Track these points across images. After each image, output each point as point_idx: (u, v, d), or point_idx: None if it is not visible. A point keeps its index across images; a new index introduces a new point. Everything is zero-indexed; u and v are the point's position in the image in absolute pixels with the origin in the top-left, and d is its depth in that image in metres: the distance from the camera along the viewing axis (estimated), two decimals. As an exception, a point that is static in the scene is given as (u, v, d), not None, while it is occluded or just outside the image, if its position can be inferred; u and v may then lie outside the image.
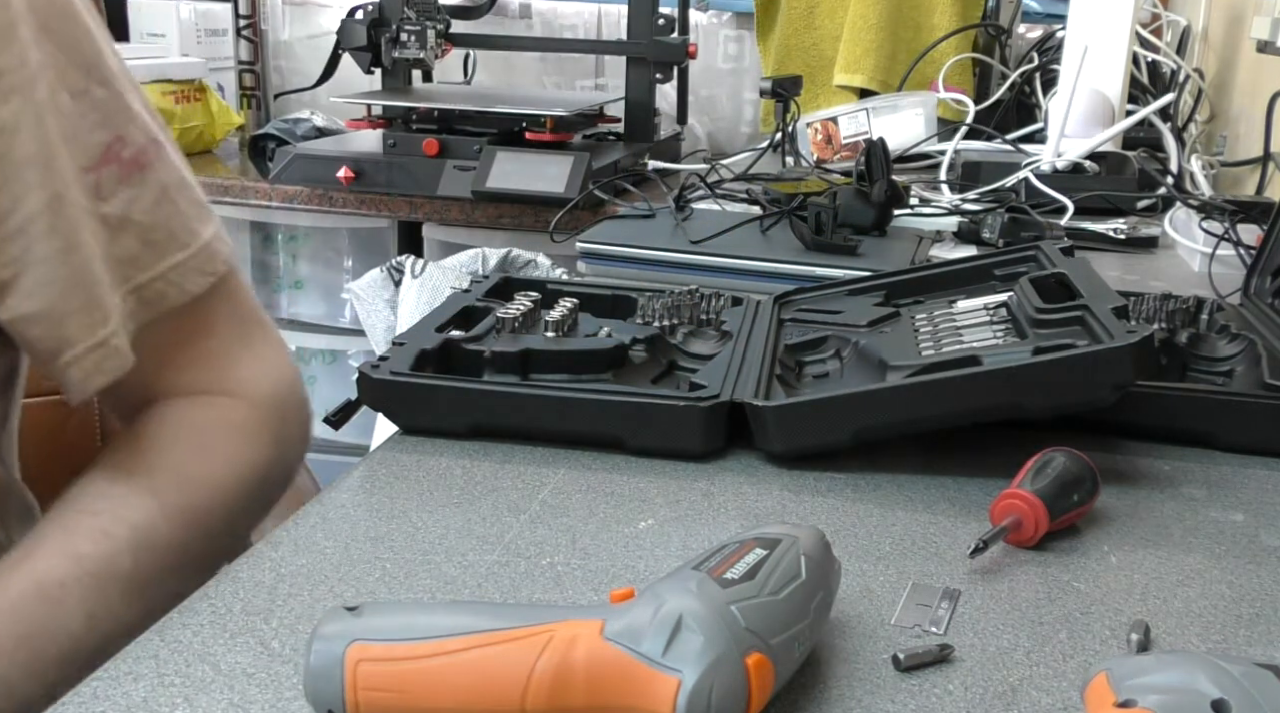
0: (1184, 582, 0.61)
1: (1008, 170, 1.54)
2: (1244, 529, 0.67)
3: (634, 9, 1.92)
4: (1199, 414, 0.78)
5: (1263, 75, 1.71)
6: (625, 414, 0.74)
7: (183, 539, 0.68)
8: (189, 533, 0.68)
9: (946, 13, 2.07)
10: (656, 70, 1.93)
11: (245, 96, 2.45)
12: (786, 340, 0.87)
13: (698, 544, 0.63)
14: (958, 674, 0.52)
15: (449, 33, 2.03)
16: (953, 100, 1.87)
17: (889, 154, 1.32)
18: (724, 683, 0.44)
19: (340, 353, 2.16)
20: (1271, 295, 1.01)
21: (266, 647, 0.52)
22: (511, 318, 0.82)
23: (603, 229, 1.26)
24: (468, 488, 0.69)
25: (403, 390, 0.75)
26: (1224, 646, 0.55)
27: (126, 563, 0.64)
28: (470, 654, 0.44)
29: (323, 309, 2.16)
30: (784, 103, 1.80)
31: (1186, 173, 1.61)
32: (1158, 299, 0.91)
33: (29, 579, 0.61)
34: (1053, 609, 0.58)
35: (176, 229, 0.69)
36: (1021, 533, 0.63)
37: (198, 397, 0.72)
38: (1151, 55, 1.93)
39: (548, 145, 1.79)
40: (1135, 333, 0.70)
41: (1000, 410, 0.71)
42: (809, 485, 0.71)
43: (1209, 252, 1.22)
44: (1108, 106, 1.62)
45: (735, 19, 2.36)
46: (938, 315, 0.86)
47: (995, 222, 1.30)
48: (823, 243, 1.17)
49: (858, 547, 0.64)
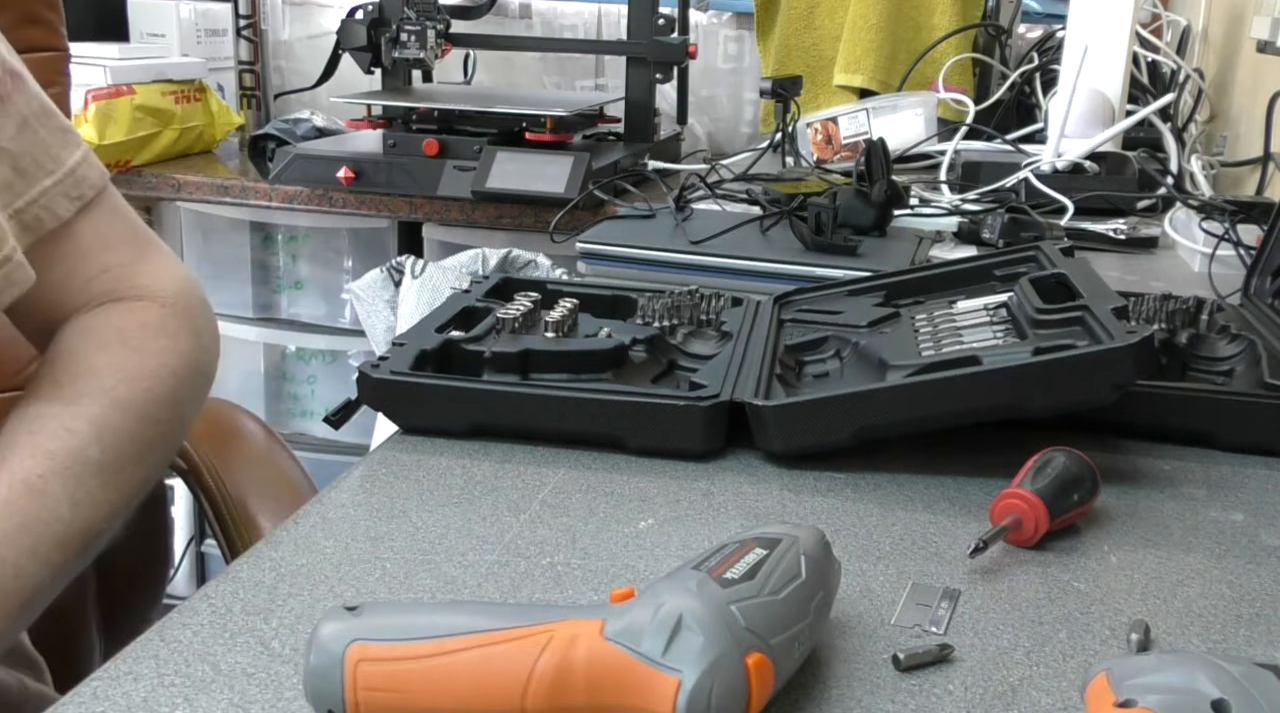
0: (1184, 582, 0.61)
1: (1008, 170, 1.54)
2: (1244, 529, 0.67)
3: (634, 9, 1.92)
4: (1199, 414, 0.78)
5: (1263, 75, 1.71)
6: (625, 414, 0.74)
7: (137, 429, 0.71)
8: (140, 423, 0.72)
9: (946, 13, 2.07)
10: (656, 70, 1.93)
11: (245, 96, 2.45)
12: (786, 340, 0.87)
13: (698, 544, 0.63)
14: (958, 674, 0.52)
15: (449, 33, 2.03)
16: (953, 100, 1.87)
17: (889, 154, 1.32)
18: (724, 683, 0.44)
19: (340, 353, 2.16)
20: (1271, 295, 1.01)
21: (266, 647, 0.52)
22: (511, 318, 0.82)
23: (603, 229, 1.26)
24: (468, 488, 0.69)
25: (403, 390, 0.75)
26: (1224, 646, 0.55)
27: (94, 453, 0.68)
28: (470, 654, 0.44)
29: (323, 309, 2.16)
30: (784, 103, 1.80)
31: (1186, 173, 1.61)
32: (1158, 299, 0.91)
33: (12, 477, 0.65)
34: (1053, 609, 0.58)
35: (40, 156, 0.72)
36: (1021, 533, 0.63)
37: (110, 305, 0.76)
38: (1151, 55, 1.93)
39: (548, 145, 1.79)
40: (1135, 333, 0.70)
41: (1000, 410, 0.71)
42: (809, 485, 0.71)
43: (1209, 252, 1.22)
44: (1108, 106, 1.62)
45: (735, 19, 2.36)
46: (938, 315, 0.86)
47: (995, 222, 1.30)
48: (823, 243, 1.17)
49: (858, 547, 0.64)
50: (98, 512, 0.68)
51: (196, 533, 2.13)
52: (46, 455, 0.67)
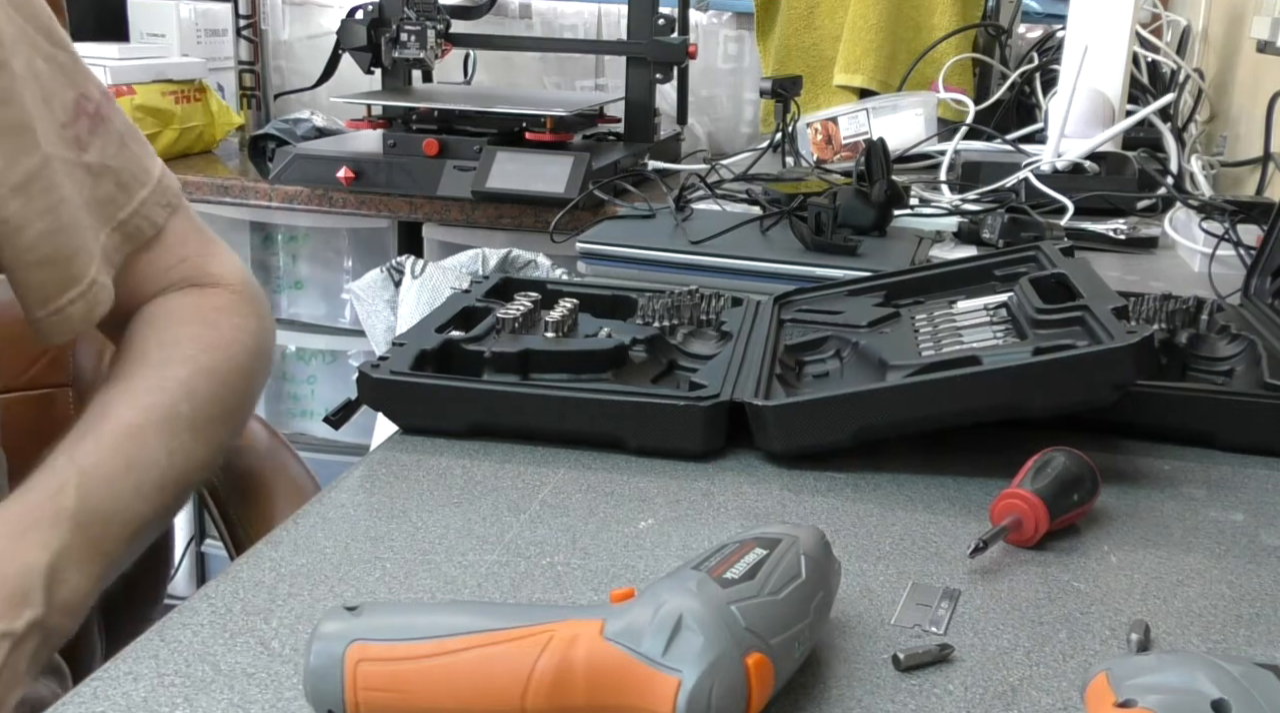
0: (1184, 582, 0.61)
1: (1008, 170, 1.54)
2: (1244, 529, 0.67)
3: (634, 9, 1.92)
4: (1199, 414, 0.78)
5: (1263, 75, 1.71)
6: (625, 414, 0.74)
7: (219, 393, 0.78)
8: (221, 388, 0.79)
9: (946, 13, 2.07)
10: (656, 70, 1.93)
11: (245, 96, 2.45)
12: (786, 340, 0.87)
13: (698, 544, 0.63)
14: (958, 674, 0.52)
15: (449, 33, 2.03)
16: (953, 100, 1.87)
17: (889, 154, 1.32)
18: (724, 683, 0.44)
19: (340, 353, 2.16)
20: (1271, 295, 1.01)
21: (266, 647, 0.52)
22: (511, 318, 0.82)
23: (603, 229, 1.26)
24: (468, 488, 0.69)
25: (403, 390, 0.75)
26: (1224, 646, 0.55)
27: (184, 409, 0.75)
28: (470, 654, 0.44)
29: (323, 309, 2.16)
30: (784, 103, 1.80)
31: (1186, 173, 1.61)
32: (1158, 299, 0.91)
33: (115, 425, 0.72)
34: (1053, 609, 0.58)
35: (135, 169, 0.80)
36: (1021, 533, 0.63)
37: (187, 290, 0.83)
38: (1151, 55, 1.93)
39: (548, 145, 1.79)
40: (1135, 333, 0.70)
41: (1000, 410, 0.71)
42: (809, 485, 0.71)
43: (1209, 252, 1.22)
44: (1108, 106, 1.62)
45: (735, 19, 2.36)
46: (938, 315, 0.86)
47: (995, 222, 1.30)
48: (823, 243, 1.17)
49: (858, 547, 0.64)
50: (190, 463, 0.75)
51: (196, 533, 2.13)
52: (143, 409, 0.73)
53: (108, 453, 0.70)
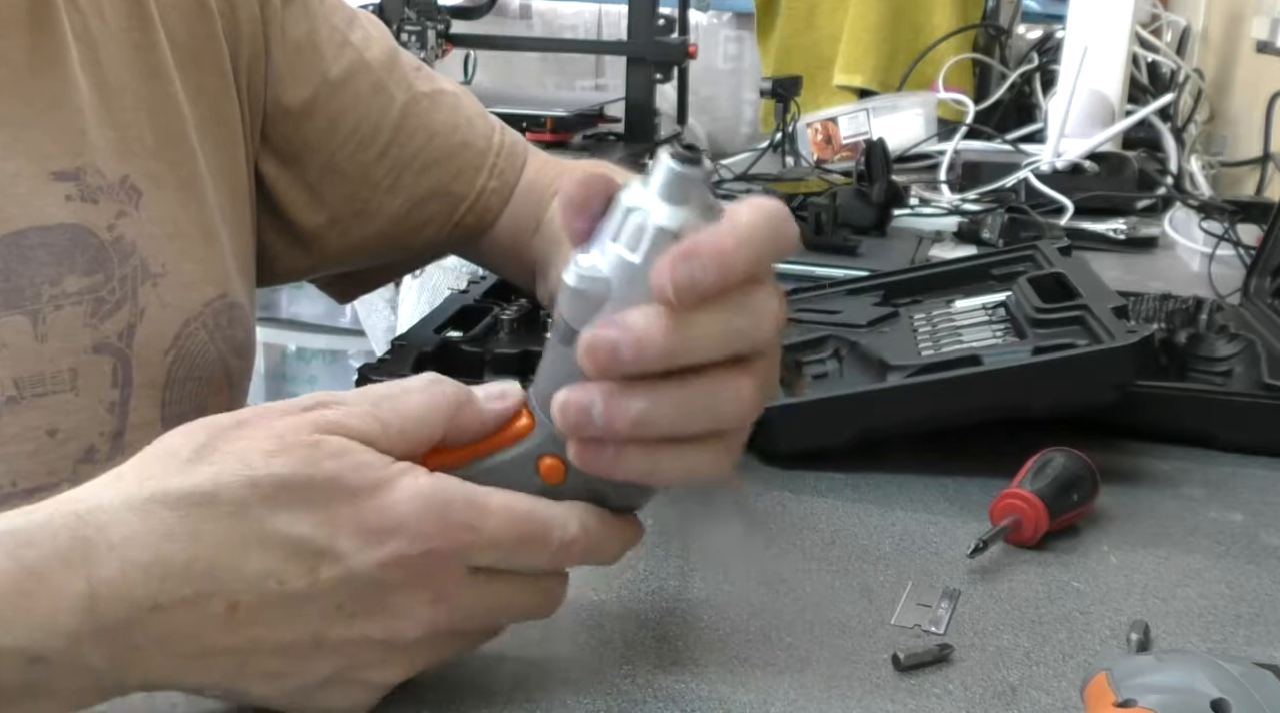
0: (1184, 582, 0.61)
1: (1007, 170, 1.54)
2: (1244, 529, 0.67)
3: (634, 9, 1.91)
4: (1199, 414, 0.78)
5: (1263, 75, 1.71)
6: (625, 414, 0.73)
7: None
8: None
9: (946, 13, 2.07)
10: (656, 70, 1.93)
11: (245, 97, 2.45)
12: (786, 340, 0.87)
13: (698, 544, 0.63)
14: (958, 674, 0.52)
15: (449, 33, 2.03)
16: (952, 100, 1.87)
17: (889, 154, 1.32)
18: None
19: (340, 353, 2.16)
20: (1271, 295, 1.01)
21: (267, 647, 0.52)
22: (511, 318, 0.82)
23: (603, 229, 1.26)
24: (468, 488, 0.69)
25: (403, 391, 0.75)
26: (1224, 646, 0.55)
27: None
28: None
29: (323, 309, 2.16)
30: (784, 103, 1.80)
31: (1186, 173, 1.61)
32: (1157, 299, 0.91)
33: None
34: (1053, 609, 0.58)
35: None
36: (1021, 533, 0.63)
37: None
38: (1151, 55, 1.93)
39: (548, 145, 1.79)
40: (1135, 333, 0.70)
41: (1000, 410, 0.71)
42: (809, 485, 0.71)
43: (1209, 252, 1.22)
44: (1107, 107, 1.62)
45: (735, 19, 2.36)
46: (936, 315, 0.86)
47: (995, 222, 1.30)
48: (822, 243, 1.17)
49: (858, 547, 0.64)
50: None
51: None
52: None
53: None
